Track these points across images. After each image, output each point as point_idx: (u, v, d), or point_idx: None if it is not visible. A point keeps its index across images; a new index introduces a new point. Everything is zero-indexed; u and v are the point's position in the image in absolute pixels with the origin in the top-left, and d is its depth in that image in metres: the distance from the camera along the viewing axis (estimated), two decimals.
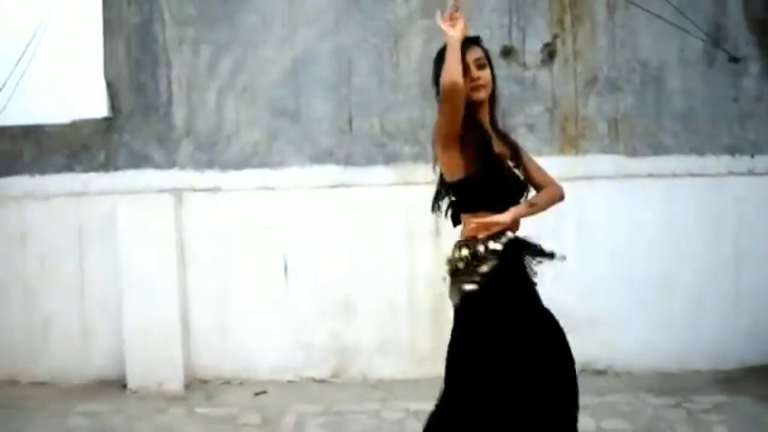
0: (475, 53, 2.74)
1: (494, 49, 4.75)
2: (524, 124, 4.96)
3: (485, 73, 2.74)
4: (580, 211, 4.88)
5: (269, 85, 5.02)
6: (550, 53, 4.95)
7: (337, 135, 5.00)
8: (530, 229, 4.48)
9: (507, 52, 4.94)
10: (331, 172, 5.00)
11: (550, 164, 4.48)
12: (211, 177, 5.03)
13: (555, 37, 4.94)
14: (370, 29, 4.99)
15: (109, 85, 5.05)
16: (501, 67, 4.79)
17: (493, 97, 2.80)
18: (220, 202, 5.03)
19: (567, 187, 4.49)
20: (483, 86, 2.72)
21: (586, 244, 4.89)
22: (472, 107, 2.69)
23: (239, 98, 5.02)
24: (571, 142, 4.94)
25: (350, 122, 4.98)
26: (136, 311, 4.85)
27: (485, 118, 2.81)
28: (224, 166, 5.03)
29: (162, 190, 4.98)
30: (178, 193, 5.02)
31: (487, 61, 2.76)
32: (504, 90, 4.82)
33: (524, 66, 4.97)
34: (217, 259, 5.02)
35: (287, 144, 5.01)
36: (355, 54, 4.99)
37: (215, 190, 5.03)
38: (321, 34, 4.99)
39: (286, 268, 4.96)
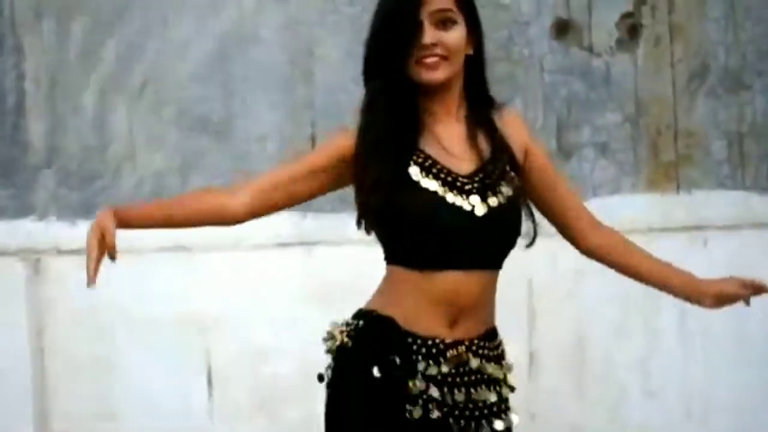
0: (435, 0, 2.44)
1: (544, 24, 4.50)
2: (590, 143, 4.70)
3: (450, 37, 2.45)
4: None
5: (182, 81, 4.75)
6: (631, 29, 4.73)
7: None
8: (604, 311, 4.72)
9: (563, 29, 4.71)
10: (283, 222, 4.56)
11: (632, 206, 4.81)
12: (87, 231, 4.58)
13: (639, 3, 4.74)
14: None
15: None
16: (555, 51, 4.57)
17: (476, 71, 2.55)
18: (103, 273, 4.48)
19: (664, 243, 4.36)
20: (442, 59, 2.44)
21: (695, 335, 4.65)
22: (414, 94, 2.45)
23: (135, 103, 4.76)
24: (667, 170, 4.77)
25: (313, 140, 4.75)
26: None
27: (447, 106, 2.52)
28: None
29: (6, 253, 4.66)
30: (33, 257, 4.68)
31: (460, 12, 2.48)
32: (560, 88, 4.56)
33: (590, 51, 4.72)
34: (96, 362, 4.60)
35: (212, 176, 4.69)
36: (318, 31, 4.71)
37: None
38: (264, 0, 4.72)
39: (209, 376, 4.63)
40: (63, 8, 4.75)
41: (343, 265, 4.62)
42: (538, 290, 4.34)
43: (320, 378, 2.59)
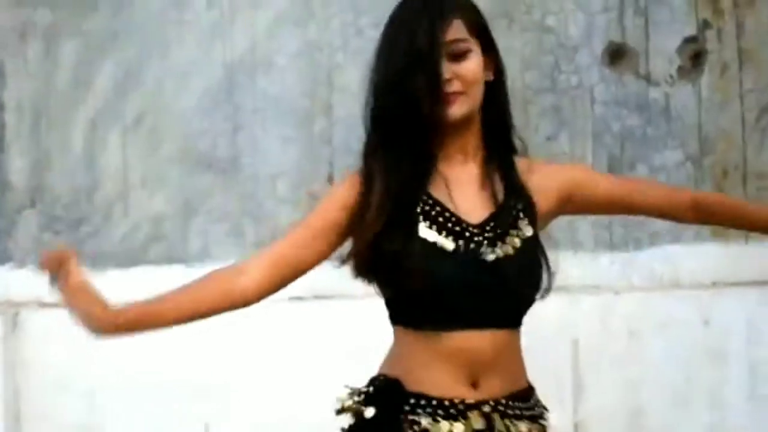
0: (448, 30, 2.41)
1: (595, 50, 4.38)
2: None
3: (465, 68, 2.42)
4: (755, 344, 4.47)
5: (184, 113, 4.62)
6: (694, 56, 4.58)
7: (308, 204, 4.54)
8: (662, 377, 4.64)
9: (616, 55, 4.57)
10: None
11: (695, 257, 4.70)
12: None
13: (704, 26, 4.57)
14: (365, 10, 4.59)
15: None
16: (608, 80, 4.42)
17: (494, 106, 2.49)
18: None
19: (730, 299, 4.53)
20: (459, 95, 2.41)
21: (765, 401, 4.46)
22: (425, 135, 2.42)
23: (130, 137, 4.65)
24: None
25: (330, 181, 4.69)
26: None
27: (462, 146, 2.47)
28: (101, 262, 4.59)
29: None
30: (11, 309, 4.58)
31: (473, 38, 2.44)
32: (612, 123, 4.47)
33: (648, 80, 4.56)
34: (82, 427, 4.45)
35: (216, 220, 4.67)
36: (339, 57, 4.58)
37: None
38: (279, 21, 4.61)
39: None
40: (51, 28, 4.66)
41: (366, 324, 4.29)
42: (586, 352, 4.24)
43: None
